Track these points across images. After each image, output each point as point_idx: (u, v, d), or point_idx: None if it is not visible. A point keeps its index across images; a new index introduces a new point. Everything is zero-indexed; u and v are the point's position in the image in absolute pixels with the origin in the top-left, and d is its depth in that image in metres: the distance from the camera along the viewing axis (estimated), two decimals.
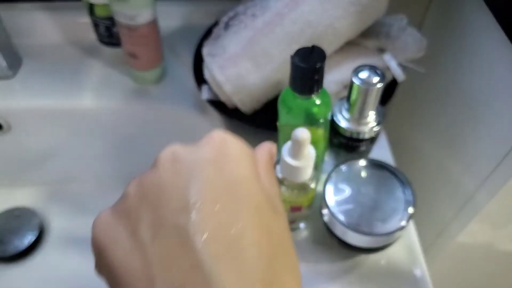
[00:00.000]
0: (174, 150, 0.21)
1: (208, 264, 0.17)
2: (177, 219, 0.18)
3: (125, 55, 0.52)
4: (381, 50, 0.47)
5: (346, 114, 0.41)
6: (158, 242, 0.18)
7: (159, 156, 0.21)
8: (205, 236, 0.17)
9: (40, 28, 0.58)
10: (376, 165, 0.41)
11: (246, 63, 0.44)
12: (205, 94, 0.49)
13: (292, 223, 0.43)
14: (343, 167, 0.41)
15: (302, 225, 0.44)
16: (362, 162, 0.41)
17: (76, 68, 0.56)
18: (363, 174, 0.40)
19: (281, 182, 0.37)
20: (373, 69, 0.38)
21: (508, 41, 0.46)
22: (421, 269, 0.42)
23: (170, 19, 0.60)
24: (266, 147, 0.24)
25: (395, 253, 0.43)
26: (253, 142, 0.54)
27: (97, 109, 0.53)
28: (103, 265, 0.19)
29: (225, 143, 0.21)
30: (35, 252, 0.52)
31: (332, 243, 0.41)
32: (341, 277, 0.41)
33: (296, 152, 0.33)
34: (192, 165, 0.20)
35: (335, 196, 0.39)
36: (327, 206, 0.38)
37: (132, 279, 0.18)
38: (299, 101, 0.36)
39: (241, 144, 0.22)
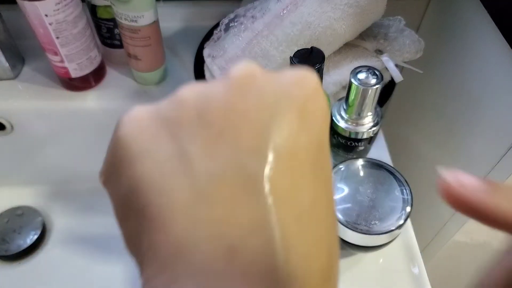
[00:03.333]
0: (253, 70, 0.16)
1: (274, 233, 0.13)
2: (248, 161, 0.13)
3: (127, 56, 0.52)
4: (379, 52, 0.48)
5: (344, 115, 0.42)
6: (216, 180, 0.13)
7: (232, 71, 0.16)
8: (277, 194, 0.13)
9: None
10: (374, 165, 0.41)
11: None
12: None
13: None
14: (342, 167, 0.41)
15: None
16: (360, 162, 0.41)
17: None
18: (361, 173, 0.41)
19: None
20: (371, 70, 0.38)
21: (505, 42, 0.47)
22: (419, 268, 0.42)
23: (172, 21, 0.60)
24: None
25: (393, 251, 0.43)
26: None
27: (99, 110, 0.53)
28: (123, 180, 0.15)
29: (316, 90, 0.16)
30: (37, 251, 0.53)
31: None
32: (339, 275, 0.42)
33: None
34: (276, 98, 0.15)
35: (334, 196, 0.39)
36: None
37: (169, 213, 0.13)
38: None
39: (326, 103, 0.17)
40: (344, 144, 0.43)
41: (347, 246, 0.40)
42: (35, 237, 0.52)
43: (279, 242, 0.13)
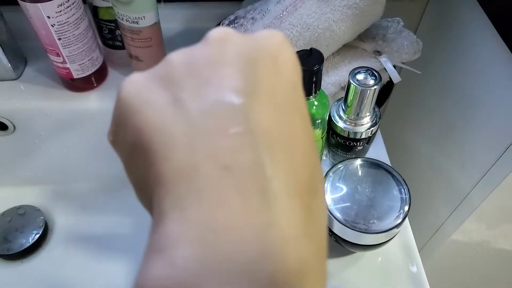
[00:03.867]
0: (227, 31, 0.18)
1: (261, 150, 0.15)
2: (232, 98, 0.15)
3: (129, 57, 0.53)
4: (378, 53, 0.48)
5: (343, 115, 0.42)
6: (207, 115, 0.15)
7: (209, 33, 0.18)
8: (261, 122, 0.15)
9: None
10: (373, 164, 0.42)
11: None
12: None
13: None
14: (341, 166, 0.42)
15: None
16: (359, 161, 0.42)
17: None
18: (360, 173, 0.41)
19: None
20: (369, 71, 0.39)
21: (502, 43, 0.47)
22: (417, 266, 0.43)
23: (173, 22, 0.60)
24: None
25: (391, 250, 0.43)
26: None
27: (101, 110, 0.53)
28: (129, 130, 0.16)
29: (284, 42, 0.18)
30: (39, 250, 0.53)
31: (329, 240, 0.42)
32: (338, 273, 0.42)
33: None
34: (250, 49, 0.17)
35: (333, 195, 0.40)
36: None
37: (170, 145, 0.15)
38: None
39: (294, 53, 0.19)
40: (343, 144, 0.44)
41: (345, 245, 0.41)
42: (37, 236, 0.52)
43: (266, 159, 0.15)
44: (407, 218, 0.39)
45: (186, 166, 0.15)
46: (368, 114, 0.42)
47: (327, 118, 0.41)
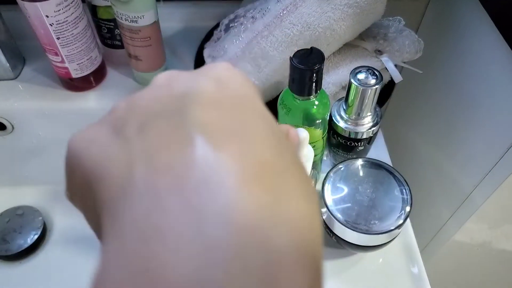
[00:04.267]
0: (171, 72, 0.18)
1: (205, 143, 0.14)
2: (170, 115, 0.15)
3: (128, 56, 0.52)
4: (379, 52, 0.48)
5: (344, 115, 0.42)
6: (145, 133, 0.15)
7: (154, 78, 0.18)
8: (203, 121, 0.14)
9: None
10: (374, 165, 0.42)
11: (246, 65, 0.45)
12: None
13: None
14: (341, 167, 0.41)
15: None
16: (360, 162, 0.42)
17: None
18: (361, 173, 0.41)
19: None
20: (370, 70, 0.39)
21: (504, 42, 0.47)
22: (418, 267, 0.42)
23: (172, 21, 0.60)
24: (284, 126, 0.21)
25: (393, 251, 0.43)
26: None
27: (100, 110, 0.53)
28: (77, 176, 0.16)
29: (227, 67, 0.18)
30: (38, 251, 0.53)
31: (330, 241, 0.42)
32: (339, 274, 0.42)
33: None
34: (192, 83, 0.17)
35: (334, 195, 0.39)
36: (326, 205, 0.39)
37: (108, 174, 0.15)
38: (298, 102, 0.37)
39: (252, 83, 0.19)
40: (344, 144, 0.43)
41: (346, 246, 0.40)
42: (36, 237, 0.52)
43: (213, 160, 0.14)
44: (408, 218, 0.39)
45: (123, 184, 0.14)
46: (369, 114, 0.41)
47: (327, 118, 0.41)
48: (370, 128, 0.42)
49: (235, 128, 0.15)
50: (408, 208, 0.38)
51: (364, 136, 0.42)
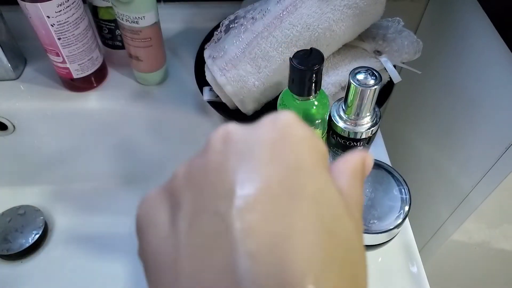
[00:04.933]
0: (227, 130, 0.18)
1: (243, 265, 0.14)
2: (218, 206, 0.15)
3: (129, 57, 0.53)
4: (378, 52, 0.48)
5: (343, 115, 0.42)
6: (193, 232, 0.15)
7: (210, 136, 0.18)
8: (246, 228, 0.14)
9: None
10: (373, 165, 0.42)
11: (246, 65, 0.45)
12: (206, 96, 0.50)
13: None
14: None
15: None
16: None
17: None
18: None
19: None
20: (370, 71, 0.39)
21: (503, 43, 0.47)
22: (417, 267, 0.42)
23: (172, 22, 0.60)
24: (359, 155, 0.20)
25: (392, 250, 0.43)
26: None
27: (101, 110, 0.53)
28: (141, 249, 0.18)
29: (290, 125, 0.17)
30: (39, 250, 0.53)
31: None
32: None
33: None
34: (246, 146, 0.17)
35: None
36: None
37: (160, 269, 0.16)
38: (297, 102, 0.37)
39: (311, 131, 0.18)
40: (343, 144, 0.44)
41: None
42: (37, 236, 0.52)
43: (249, 281, 0.14)
44: (407, 218, 0.39)
45: (169, 281, 0.16)
46: (368, 114, 0.42)
47: (327, 118, 0.41)
48: (369, 128, 0.42)
49: (278, 238, 0.14)
50: (407, 208, 0.39)
51: (363, 136, 0.43)
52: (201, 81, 0.50)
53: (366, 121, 0.42)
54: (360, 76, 0.38)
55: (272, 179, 0.15)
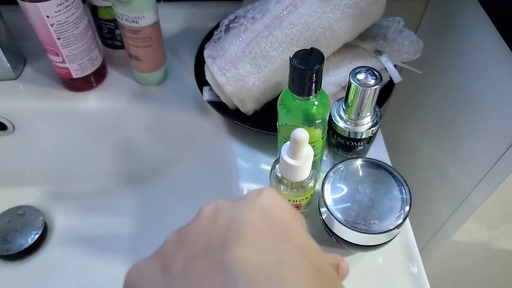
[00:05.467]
0: (217, 203, 0.20)
1: (244, 283, 0.15)
2: (213, 252, 0.17)
3: (128, 57, 0.52)
4: (378, 52, 0.48)
5: (344, 115, 0.42)
6: (189, 273, 0.17)
7: (201, 208, 0.20)
8: (242, 258, 0.16)
9: None
10: (373, 165, 0.42)
11: (246, 65, 0.45)
12: (206, 95, 0.50)
13: None
14: (341, 166, 0.42)
15: None
16: (360, 162, 0.42)
17: None
18: (361, 173, 0.41)
19: (280, 181, 0.38)
20: (370, 70, 0.39)
21: (503, 42, 0.47)
22: (418, 267, 0.42)
23: (172, 22, 0.60)
24: (334, 257, 0.23)
25: (392, 251, 0.43)
26: (254, 142, 0.55)
27: (100, 110, 0.53)
28: None
29: (275, 200, 0.20)
30: (39, 250, 0.53)
31: (330, 241, 0.42)
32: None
33: (295, 152, 0.34)
34: (236, 213, 0.19)
35: (333, 195, 0.40)
36: (325, 205, 0.39)
37: None
38: (298, 102, 0.37)
39: (294, 210, 0.21)
40: (343, 144, 0.44)
41: (346, 245, 0.40)
42: (37, 236, 0.52)
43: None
44: (407, 218, 0.39)
45: None
46: (368, 114, 0.41)
47: (327, 118, 0.41)
48: (370, 128, 0.42)
49: (271, 264, 0.16)
50: (407, 208, 0.39)
51: (364, 136, 0.43)
52: (201, 81, 0.50)
53: (366, 121, 0.42)
54: (361, 76, 0.38)
55: (261, 226, 0.18)
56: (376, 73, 0.39)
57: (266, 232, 0.18)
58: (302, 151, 0.34)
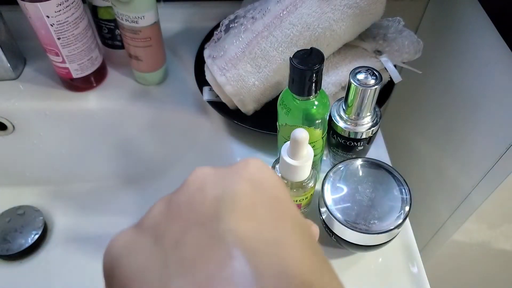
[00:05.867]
0: (203, 173, 0.19)
1: (243, 258, 0.15)
2: (208, 223, 0.16)
3: (128, 57, 0.52)
4: (378, 52, 0.48)
5: (344, 115, 0.42)
6: (183, 246, 0.16)
7: (187, 178, 0.19)
8: (240, 233, 0.15)
9: None
10: (373, 165, 0.42)
11: (246, 65, 0.45)
12: (206, 95, 0.50)
13: None
14: (341, 166, 0.42)
15: None
16: (360, 162, 0.42)
17: None
18: (361, 173, 0.41)
19: None
20: (370, 70, 0.39)
21: (503, 42, 0.47)
22: (418, 267, 0.42)
23: (172, 22, 0.60)
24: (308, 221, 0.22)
25: (392, 251, 0.43)
26: (254, 142, 0.55)
27: (100, 110, 0.53)
28: (121, 275, 0.17)
29: (264, 171, 0.19)
30: (39, 250, 0.53)
31: (330, 241, 0.42)
32: (338, 274, 0.42)
33: (295, 151, 0.34)
34: (226, 185, 0.18)
35: (333, 195, 0.40)
36: (325, 205, 0.39)
37: (147, 285, 0.15)
38: (298, 102, 0.37)
39: (282, 180, 0.20)
40: (343, 144, 0.44)
41: (346, 245, 0.40)
42: (37, 236, 0.52)
43: (252, 270, 0.15)
44: (407, 218, 0.39)
45: None
46: (368, 114, 0.41)
47: (327, 118, 0.41)
48: (370, 128, 0.42)
49: (271, 240, 0.16)
50: (407, 208, 0.39)
51: (364, 136, 0.43)
52: (201, 81, 0.50)
53: (366, 121, 0.42)
54: (361, 76, 0.38)
55: (255, 200, 0.17)
56: (376, 73, 0.39)
57: (260, 207, 0.17)
58: (302, 151, 0.34)
